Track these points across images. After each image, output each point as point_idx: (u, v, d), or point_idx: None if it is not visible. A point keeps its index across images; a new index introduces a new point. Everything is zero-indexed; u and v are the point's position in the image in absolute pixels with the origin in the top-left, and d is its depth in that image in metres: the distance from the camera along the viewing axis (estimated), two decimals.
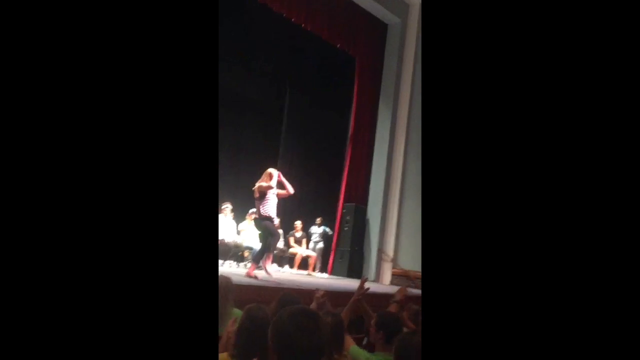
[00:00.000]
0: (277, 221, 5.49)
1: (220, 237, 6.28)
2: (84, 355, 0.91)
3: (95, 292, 0.95)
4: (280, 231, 7.79)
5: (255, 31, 7.94)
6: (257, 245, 7.24)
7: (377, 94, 9.02)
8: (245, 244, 7.21)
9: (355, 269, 8.29)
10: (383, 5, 8.55)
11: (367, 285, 3.19)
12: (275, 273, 6.34)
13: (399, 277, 8.23)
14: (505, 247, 1.02)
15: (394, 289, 4.31)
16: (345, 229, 8.49)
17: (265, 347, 1.31)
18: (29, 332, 0.88)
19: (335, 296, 4.76)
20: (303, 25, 7.90)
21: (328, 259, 8.43)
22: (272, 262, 7.48)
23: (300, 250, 7.69)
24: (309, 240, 7.98)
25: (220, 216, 6.90)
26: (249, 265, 7.28)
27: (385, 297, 4.80)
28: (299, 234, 7.85)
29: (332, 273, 8.34)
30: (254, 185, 5.40)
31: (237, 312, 2.91)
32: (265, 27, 7.90)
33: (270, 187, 5.31)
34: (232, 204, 7.23)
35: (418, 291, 7.22)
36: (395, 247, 8.48)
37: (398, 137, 8.76)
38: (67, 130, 1.00)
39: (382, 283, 8.20)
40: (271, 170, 5.45)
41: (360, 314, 3.30)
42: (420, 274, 7.94)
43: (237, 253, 7.17)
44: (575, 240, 1.00)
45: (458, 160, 1.08)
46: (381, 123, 8.94)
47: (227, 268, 6.36)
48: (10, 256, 0.90)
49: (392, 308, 3.20)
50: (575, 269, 0.99)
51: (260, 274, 5.37)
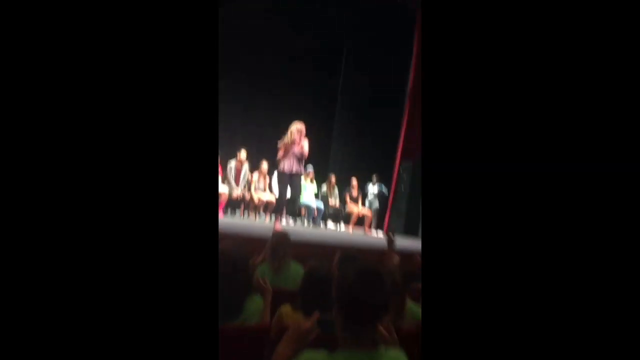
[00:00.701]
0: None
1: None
2: (81, 341, 0.92)
3: (91, 277, 0.96)
4: (336, 190, 7.84)
5: None
6: (313, 203, 7.34)
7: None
8: (302, 201, 7.31)
9: (411, 227, 8.25)
10: None
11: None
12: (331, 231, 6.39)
13: None
14: (505, 246, 1.00)
15: None
16: (402, 186, 8.40)
17: (329, 302, 1.32)
18: (24, 325, 0.90)
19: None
20: None
21: (384, 218, 8.43)
22: (321, 219, 7.58)
23: (356, 209, 7.71)
24: (365, 198, 7.97)
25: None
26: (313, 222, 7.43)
27: None
28: (354, 191, 7.86)
29: (388, 231, 8.34)
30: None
31: (296, 266, 2.98)
32: None
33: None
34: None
35: None
36: None
37: None
38: (65, 120, 0.99)
39: None
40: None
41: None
42: None
43: (293, 210, 7.29)
44: (576, 239, 0.99)
45: (458, 160, 1.06)
46: None
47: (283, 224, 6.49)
48: (5, 251, 0.91)
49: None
50: (575, 268, 0.98)
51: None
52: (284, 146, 5.33)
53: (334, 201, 7.81)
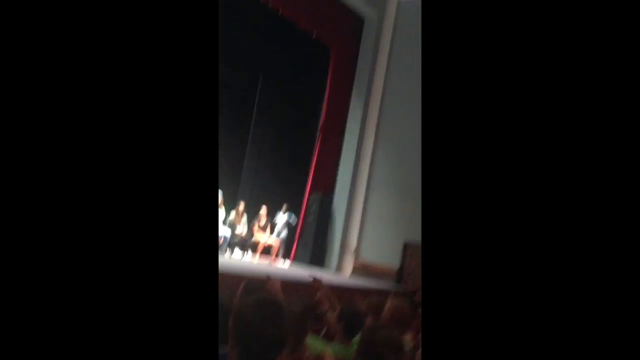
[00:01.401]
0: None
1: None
2: (78, 341, 0.91)
3: (91, 280, 0.94)
4: (244, 218, 7.76)
5: (230, 16, 7.81)
6: (220, 230, 7.21)
7: (350, 86, 9.03)
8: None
9: (317, 258, 8.34)
10: None
11: (327, 276, 3.23)
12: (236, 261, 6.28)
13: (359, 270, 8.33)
14: (506, 246, 1.01)
15: (354, 281, 4.31)
16: (311, 217, 8.51)
17: (227, 334, 1.31)
18: (25, 326, 0.88)
19: (292, 285, 4.78)
20: (280, 10, 7.81)
21: (291, 247, 8.45)
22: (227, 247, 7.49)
23: (263, 238, 7.67)
24: (273, 228, 7.96)
25: None
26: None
27: (346, 289, 4.84)
28: (263, 221, 7.83)
29: (294, 261, 8.36)
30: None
31: None
32: (240, 12, 7.77)
33: None
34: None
35: (379, 284, 7.33)
36: (359, 239, 8.57)
37: (368, 130, 8.81)
38: (64, 118, 0.98)
39: (344, 274, 8.29)
40: None
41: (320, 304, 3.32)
42: (381, 267, 8.06)
43: None
44: (576, 238, 0.99)
45: (458, 160, 1.07)
46: (352, 115, 8.97)
47: None
48: (5, 251, 0.89)
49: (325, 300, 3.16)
50: (575, 267, 0.99)
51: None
52: None
53: (242, 229, 7.71)
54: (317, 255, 8.38)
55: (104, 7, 1.02)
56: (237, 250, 7.62)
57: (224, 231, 7.25)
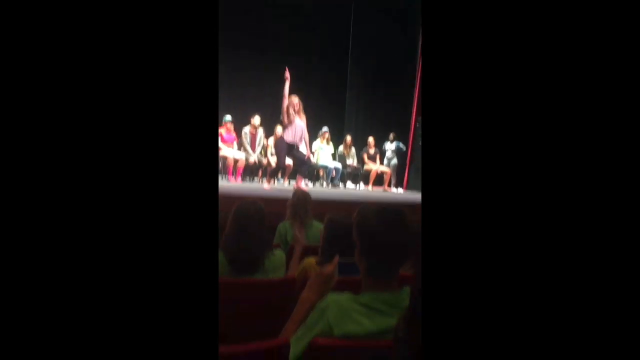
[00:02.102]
0: (301, 147, 5.53)
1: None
2: (77, 332, 0.92)
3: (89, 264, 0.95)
4: (353, 150, 7.79)
5: None
6: (330, 163, 7.33)
7: None
8: (320, 162, 7.30)
9: None
10: None
11: None
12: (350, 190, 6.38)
13: None
14: (507, 246, 0.98)
15: None
16: (420, 143, 8.32)
17: (350, 248, 1.32)
18: (22, 324, 0.90)
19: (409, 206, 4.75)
20: None
21: (403, 175, 8.38)
22: (340, 180, 7.60)
23: (374, 167, 7.68)
24: (383, 157, 7.93)
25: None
26: (325, 183, 7.44)
27: None
28: (372, 150, 7.81)
29: (407, 188, 8.32)
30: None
31: (317, 224, 3.00)
32: None
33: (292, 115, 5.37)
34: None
35: None
36: None
37: None
38: (57, 101, 0.98)
39: None
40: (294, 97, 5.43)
41: None
42: None
43: (312, 172, 7.30)
44: (576, 238, 0.97)
45: (458, 159, 1.03)
46: None
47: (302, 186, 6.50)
48: (4, 251, 0.91)
49: None
50: (575, 266, 0.96)
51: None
52: (287, 117, 5.37)
53: (352, 161, 7.78)
54: None
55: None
56: (349, 183, 7.73)
57: (335, 165, 7.37)
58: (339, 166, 7.42)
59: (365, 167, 7.72)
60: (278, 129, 6.70)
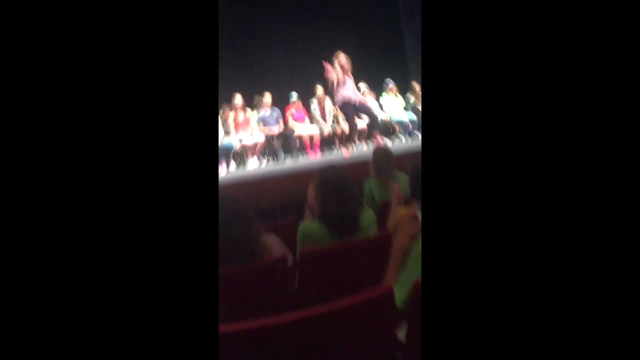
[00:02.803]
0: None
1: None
2: (76, 327, 0.93)
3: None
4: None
5: None
6: (405, 117, 7.18)
7: None
8: (393, 118, 7.18)
9: None
10: None
11: None
12: None
13: None
14: (507, 246, 0.98)
15: None
16: None
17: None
18: (22, 322, 0.91)
19: None
20: None
21: None
22: (403, 132, 7.41)
23: None
24: None
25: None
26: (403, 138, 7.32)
27: None
28: None
29: None
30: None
31: (402, 175, 2.98)
32: None
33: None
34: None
35: None
36: None
37: None
38: (55, 96, 0.99)
39: None
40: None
41: None
42: None
43: (388, 130, 7.20)
44: (576, 237, 0.96)
45: (459, 160, 1.02)
46: None
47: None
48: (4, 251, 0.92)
49: None
50: (575, 266, 0.96)
51: None
52: (337, 79, 5.36)
53: None
54: None
55: None
56: None
57: (408, 116, 7.20)
58: (414, 118, 7.22)
59: None
60: (319, 90, 6.71)
